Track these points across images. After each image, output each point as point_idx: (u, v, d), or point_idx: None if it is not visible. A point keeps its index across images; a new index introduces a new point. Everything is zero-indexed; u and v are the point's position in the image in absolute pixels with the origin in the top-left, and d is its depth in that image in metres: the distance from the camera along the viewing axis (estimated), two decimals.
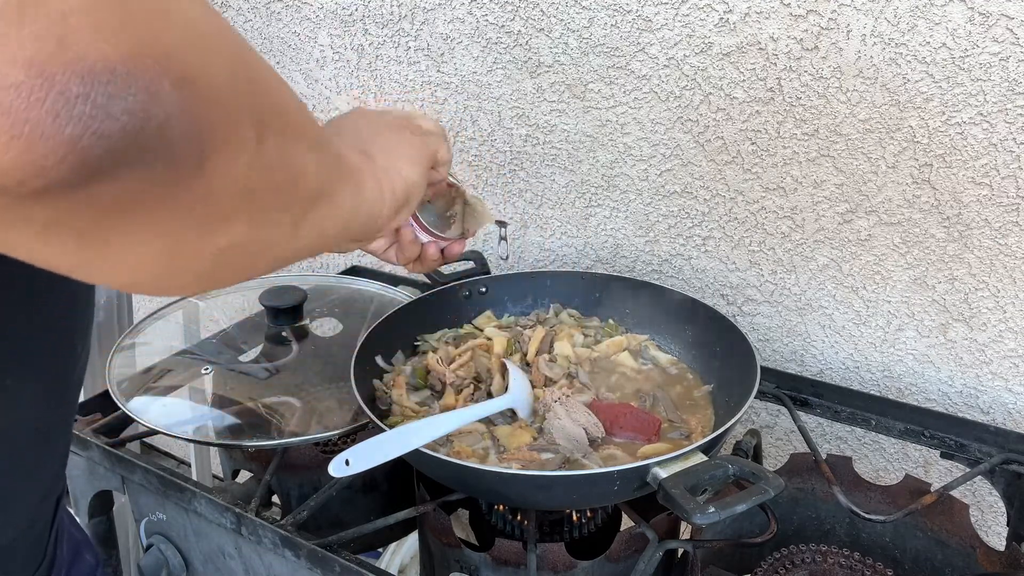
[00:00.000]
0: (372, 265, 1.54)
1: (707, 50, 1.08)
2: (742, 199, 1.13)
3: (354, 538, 0.86)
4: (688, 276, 1.22)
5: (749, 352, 0.92)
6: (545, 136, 1.26)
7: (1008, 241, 0.98)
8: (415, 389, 0.97)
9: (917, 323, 1.07)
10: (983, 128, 0.95)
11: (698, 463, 0.73)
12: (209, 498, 0.89)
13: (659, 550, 0.82)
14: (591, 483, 0.76)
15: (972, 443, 0.95)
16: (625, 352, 1.03)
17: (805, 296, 1.13)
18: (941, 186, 0.99)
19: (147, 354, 1.10)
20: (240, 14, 1.51)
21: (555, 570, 0.83)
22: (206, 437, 0.97)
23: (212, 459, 1.72)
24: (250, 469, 1.12)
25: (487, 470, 0.79)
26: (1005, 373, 1.03)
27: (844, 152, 1.04)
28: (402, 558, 1.48)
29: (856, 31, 0.98)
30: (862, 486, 0.97)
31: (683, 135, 1.14)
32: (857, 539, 0.98)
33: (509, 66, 1.24)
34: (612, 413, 0.88)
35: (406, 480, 1.05)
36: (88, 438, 0.99)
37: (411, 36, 1.32)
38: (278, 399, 0.99)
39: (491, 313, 1.12)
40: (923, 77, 0.96)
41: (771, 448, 1.23)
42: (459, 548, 0.86)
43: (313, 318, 1.17)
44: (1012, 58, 0.91)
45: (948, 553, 0.92)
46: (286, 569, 0.86)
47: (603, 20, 1.14)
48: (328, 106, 1.47)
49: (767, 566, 0.92)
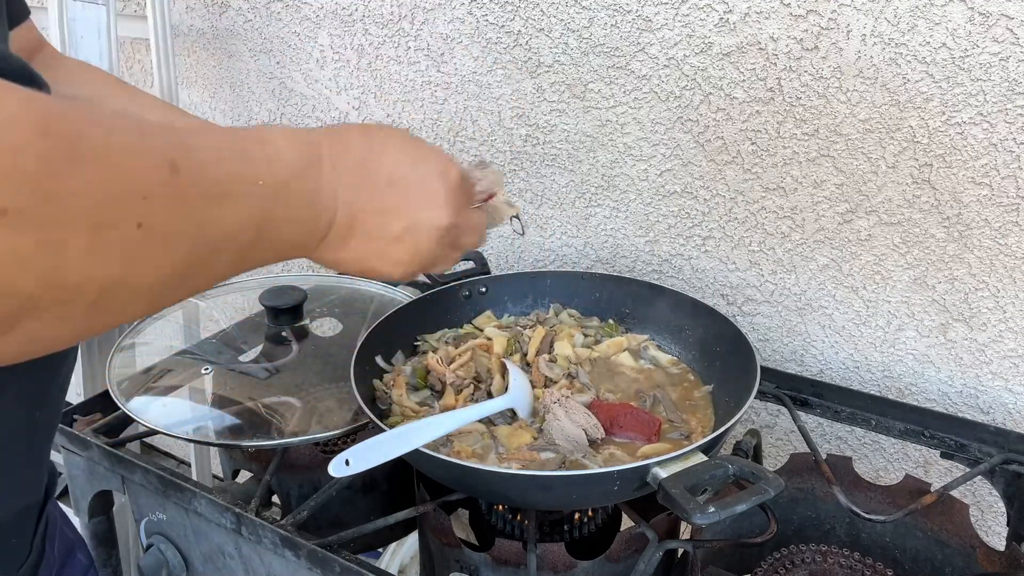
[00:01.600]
0: None
1: (707, 50, 1.08)
2: (742, 199, 1.13)
3: (354, 538, 0.86)
4: (688, 276, 1.22)
5: (749, 352, 0.92)
6: (545, 136, 1.26)
7: (1008, 241, 0.98)
8: (415, 389, 0.97)
9: (917, 323, 1.07)
10: (983, 128, 0.95)
11: (698, 463, 0.73)
12: (209, 498, 0.89)
13: (659, 550, 0.82)
14: (591, 483, 0.76)
15: (972, 443, 0.95)
16: (625, 352, 1.03)
17: (805, 296, 1.13)
18: (941, 186, 0.99)
19: (147, 354, 1.10)
20: (240, 14, 1.51)
21: (555, 570, 0.83)
22: (206, 437, 0.97)
23: (212, 459, 1.72)
24: (250, 469, 1.12)
25: (487, 470, 0.79)
26: (1005, 373, 1.03)
27: (844, 152, 1.04)
28: (402, 558, 1.48)
29: (856, 31, 0.98)
30: (862, 486, 0.97)
31: (683, 135, 1.14)
32: (857, 539, 0.98)
33: (509, 66, 1.24)
34: (612, 413, 0.88)
35: (406, 480, 1.05)
36: (88, 438, 0.99)
37: (411, 36, 1.32)
38: (278, 399, 0.99)
39: (491, 313, 1.12)
40: (923, 77, 0.96)
41: (771, 448, 1.23)
42: (459, 548, 0.86)
43: (313, 318, 1.17)
44: (1012, 58, 0.91)
45: (948, 553, 0.92)
46: (286, 569, 0.86)
47: (603, 20, 1.14)
48: (328, 106, 1.47)
49: (767, 566, 0.92)
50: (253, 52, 1.52)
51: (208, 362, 1.07)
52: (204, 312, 1.23)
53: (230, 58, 1.56)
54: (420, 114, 1.37)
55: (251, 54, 1.53)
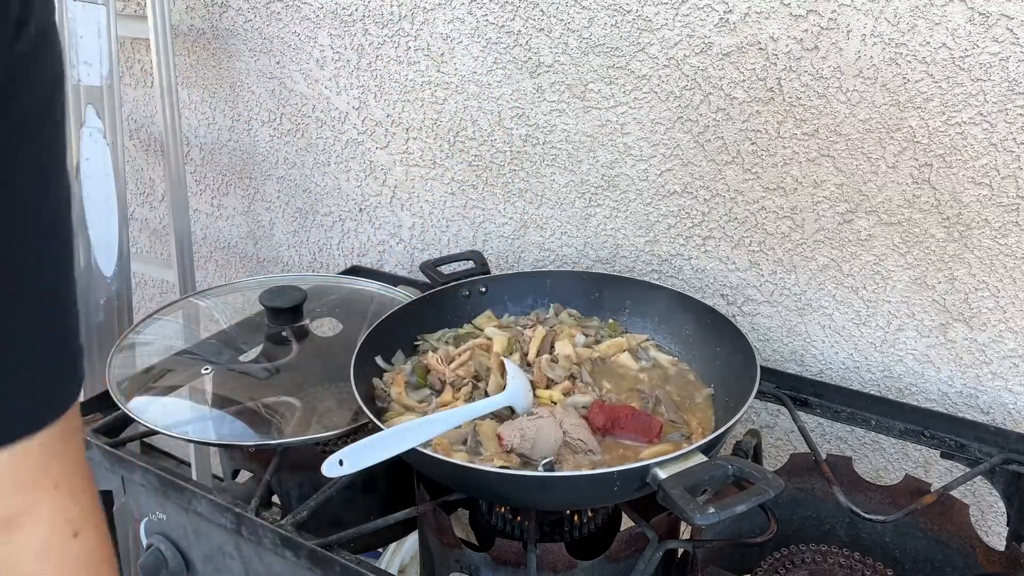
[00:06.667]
0: (372, 265, 1.54)
1: (707, 50, 1.08)
2: (742, 199, 1.13)
3: (354, 538, 0.86)
4: (688, 276, 1.22)
5: (749, 352, 0.92)
6: (545, 136, 1.26)
7: (1008, 241, 0.98)
8: (415, 388, 0.97)
9: (917, 323, 1.07)
10: (983, 128, 0.95)
11: (698, 463, 0.73)
12: (209, 498, 0.89)
13: (659, 550, 0.82)
14: (591, 484, 0.76)
15: (972, 443, 0.95)
16: (625, 352, 1.03)
17: (805, 296, 1.13)
18: (941, 186, 0.99)
19: (147, 354, 1.10)
20: (240, 14, 1.51)
21: (555, 570, 0.83)
22: (206, 437, 0.97)
23: (212, 459, 1.72)
24: (250, 469, 1.12)
25: (487, 470, 0.79)
26: (1005, 373, 1.03)
27: (844, 152, 1.04)
28: (402, 558, 1.48)
29: (856, 31, 0.98)
30: (862, 486, 0.97)
31: (683, 135, 1.14)
32: (857, 539, 0.98)
33: (509, 66, 1.24)
34: (614, 415, 0.88)
35: (406, 480, 1.05)
36: (88, 438, 0.99)
37: (411, 36, 1.32)
38: (278, 399, 0.99)
39: (491, 313, 1.12)
40: (923, 77, 0.96)
41: (771, 448, 1.23)
42: (459, 548, 0.86)
43: (313, 318, 1.17)
44: (1012, 58, 0.91)
45: (948, 553, 0.92)
46: (286, 569, 0.86)
47: (603, 20, 1.14)
48: (328, 106, 1.47)
49: (767, 566, 0.92)
50: (253, 52, 1.52)
51: (208, 362, 1.07)
52: (204, 312, 1.23)
53: (230, 58, 1.56)
54: (420, 114, 1.37)
55: (251, 54, 1.53)
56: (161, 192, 1.84)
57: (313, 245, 1.62)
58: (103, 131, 1.36)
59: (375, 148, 1.45)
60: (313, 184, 1.56)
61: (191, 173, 1.73)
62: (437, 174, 1.40)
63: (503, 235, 1.37)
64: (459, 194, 1.38)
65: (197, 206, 1.77)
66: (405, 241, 1.49)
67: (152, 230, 1.91)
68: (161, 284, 1.98)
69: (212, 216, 1.77)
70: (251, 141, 1.62)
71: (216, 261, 1.82)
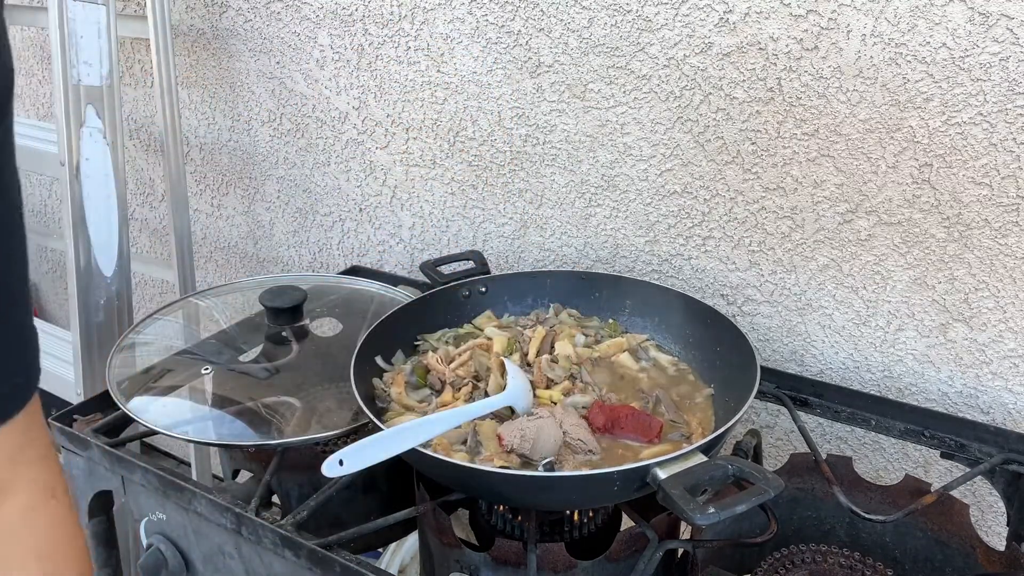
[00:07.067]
0: (372, 265, 1.54)
1: (707, 50, 1.08)
2: (742, 199, 1.13)
3: (354, 538, 0.86)
4: (688, 276, 1.22)
5: (749, 352, 0.92)
6: (545, 136, 1.26)
7: (1008, 241, 0.98)
8: (415, 388, 0.97)
9: (917, 323, 1.07)
10: (983, 128, 0.95)
11: (698, 463, 0.73)
12: (209, 498, 0.89)
13: (659, 550, 0.82)
14: (591, 484, 0.76)
15: (972, 443, 0.95)
16: (625, 352, 1.03)
17: (805, 296, 1.13)
18: (941, 186, 0.99)
19: (147, 354, 1.10)
20: (240, 14, 1.51)
21: (555, 570, 0.83)
22: (206, 437, 0.97)
23: (212, 459, 1.72)
24: (250, 469, 1.12)
25: (487, 470, 0.79)
26: (1005, 373, 1.03)
27: (844, 152, 1.04)
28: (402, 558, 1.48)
29: (856, 31, 0.98)
30: (862, 486, 0.97)
31: (683, 135, 1.14)
32: (857, 539, 0.98)
33: (509, 66, 1.24)
34: (614, 415, 0.88)
35: (406, 480, 1.05)
36: (88, 438, 0.99)
37: (411, 36, 1.32)
38: (278, 399, 0.99)
39: (491, 313, 1.12)
40: (923, 77, 0.96)
41: (771, 448, 1.23)
42: (459, 548, 0.86)
43: (313, 318, 1.17)
44: (1012, 58, 0.91)
45: (948, 553, 0.92)
46: (286, 569, 0.86)
47: (603, 20, 1.14)
48: (328, 106, 1.47)
49: (767, 566, 0.92)
50: (253, 52, 1.52)
51: (208, 362, 1.07)
52: (204, 312, 1.23)
53: (230, 58, 1.56)
54: (420, 114, 1.37)
55: (251, 54, 1.53)
56: (161, 192, 1.84)
57: (313, 245, 1.62)
58: (103, 131, 1.36)
59: (375, 148, 1.45)
60: (313, 184, 1.56)
61: (191, 173, 1.73)
62: (437, 174, 1.40)
63: (503, 235, 1.37)
64: (459, 194, 1.38)
65: (197, 206, 1.77)
66: (405, 241, 1.49)
67: (152, 230, 1.91)
68: (161, 284, 1.98)
69: (212, 216, 1.77)
70: (251, 141, 1.62)
71: (216, 261, 1.82)
